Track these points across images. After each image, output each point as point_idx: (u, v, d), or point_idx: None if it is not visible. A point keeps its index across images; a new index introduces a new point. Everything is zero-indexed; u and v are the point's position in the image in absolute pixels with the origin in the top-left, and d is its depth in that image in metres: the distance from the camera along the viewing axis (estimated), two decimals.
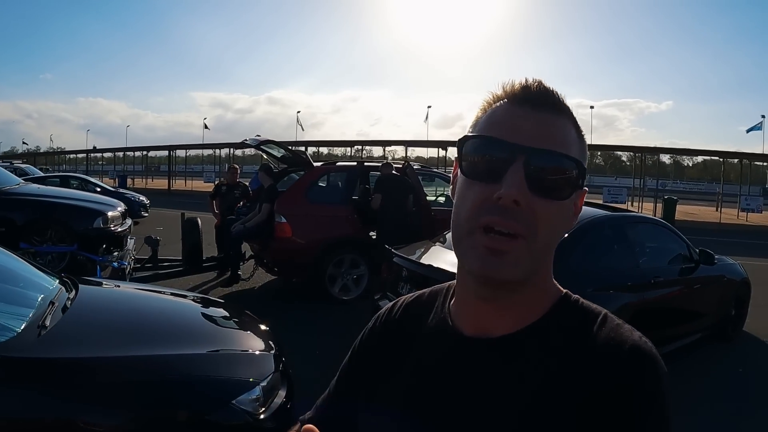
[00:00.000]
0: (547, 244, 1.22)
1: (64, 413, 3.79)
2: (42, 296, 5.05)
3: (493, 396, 1.20)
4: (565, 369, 1.16)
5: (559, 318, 1.26)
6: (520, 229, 1.15)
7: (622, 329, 1.21)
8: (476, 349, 1.27)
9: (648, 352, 1.16)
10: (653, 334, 4.77)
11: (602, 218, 8.08)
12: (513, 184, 1.14)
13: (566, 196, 1.20)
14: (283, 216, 11.27)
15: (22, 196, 12.96)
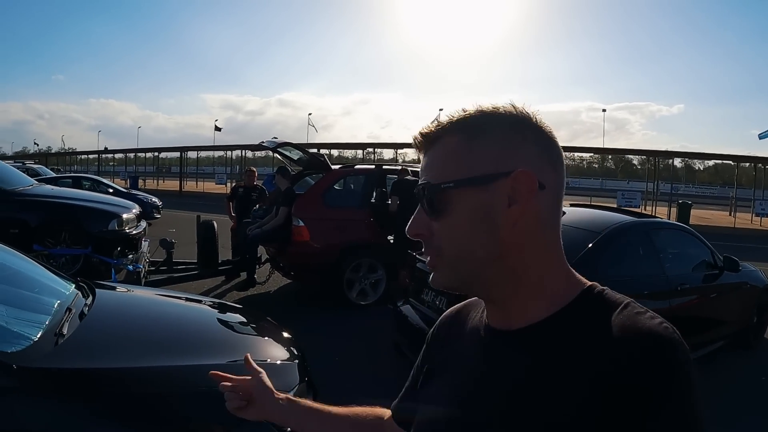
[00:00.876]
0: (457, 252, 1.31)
1: (83, 427, 3.66)
2: (58, 302, 4.95)
3: (510, 385, 1.26)
4: (580, 358, 1.18)
5: (579, 309, 1.28)
6: (431, 251, 1.35)
7: (642, 316, 1.21)
8: (498, 340, 1.36)
9: (667, 338, 1.15)
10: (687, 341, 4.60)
11: (628, 224, 7.93)
12: (412, 222, 1.37)
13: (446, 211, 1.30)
14: (300, 219, 11.16)
15: (35, 197, 12.88)
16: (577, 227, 7.60)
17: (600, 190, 66.91)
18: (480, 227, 1.28)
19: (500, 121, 1.32)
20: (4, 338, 4.00)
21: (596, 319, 1.23)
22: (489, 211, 1.28)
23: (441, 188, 1.29)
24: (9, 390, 3.59)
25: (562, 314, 1.28)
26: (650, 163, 51.56)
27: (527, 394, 1.21)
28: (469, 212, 1.29)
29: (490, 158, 1.29)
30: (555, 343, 1.24)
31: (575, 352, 1.19)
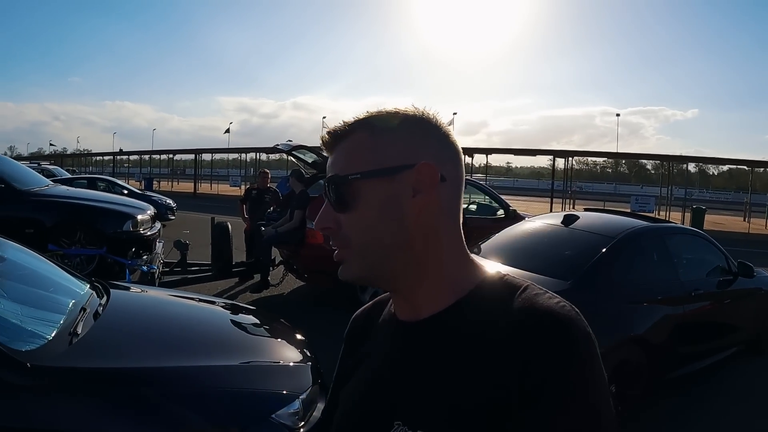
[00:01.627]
0: (366, 242, 1.34)
1: (97, 426, 3.65)
2: (73, 301, 4.98)
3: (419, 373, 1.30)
4: (483, 343, 1.22)
5: (481, 296, 1.33)
6: (338, 244, 1.38)
7: (539, 296, 1.25)
8: (405, 331, 1.40)
9: (564, 317, 1.18)
10: (693, 348, 5.04)
11: (642, 229, 7.88)
12: (318, 217, 1.39)
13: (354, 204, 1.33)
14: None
15: (51, 197, 12.91)
16: (592, 232, 7.62)
17: (613, 194, 66.81)
18: (387, 216, 1.33)
19: (404, 119, 1.37)
20: (18, 337, 4.03)
21: (497, 304, 1.27)
22: (395, 201, 1.33)
23: (348, 180, 1.33)
24: (23, 388, 3.61)
25: (464, 301, 1.33)
26: (664, 168, 51.41)
27: (433, 382, 1.26)
28: (377, 202, 1.33)
29: (396, 152, 1.34)
30: (458, 330, 1.28)
31: (478, 337, 1.24)
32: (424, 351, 1.32)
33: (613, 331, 6.43)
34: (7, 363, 3.64)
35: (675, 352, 7.29)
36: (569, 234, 7.68)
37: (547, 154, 55.74)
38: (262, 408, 4.08)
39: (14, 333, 4.09)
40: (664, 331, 7.07)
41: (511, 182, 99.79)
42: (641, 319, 6.87)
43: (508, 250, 7.93)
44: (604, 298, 6.61)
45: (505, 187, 71.52)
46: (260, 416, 4.02)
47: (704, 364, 7.83)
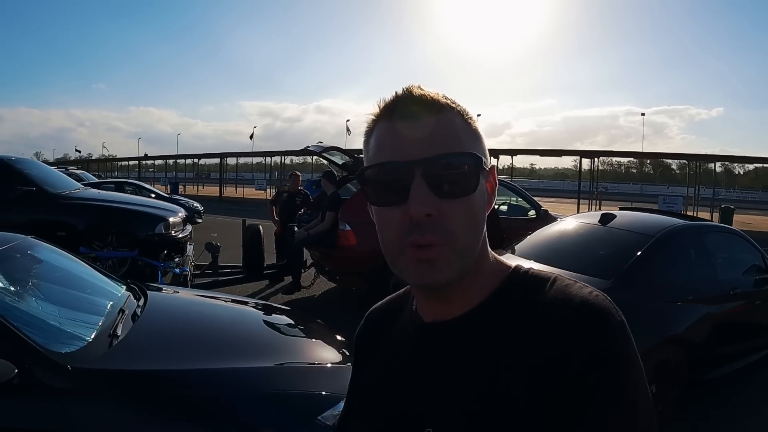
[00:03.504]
0: (470, 238, 1.23)
1: (137, 429, 3.65)
2: (111, 303, 5.00)
3: (450, 377, 1.24)
4: (515, 339, 1.18)
5: (509, 291, 1.28)
6: (438, 239, 1.18)
7: (571, 287, 1.22)
8: (433, 334, 1.32)
9: (598, 306, 1.16)
10: (731, 348, 5.11)
11: (680, 227, 7.83)
12: (419, 200, 1.17)
13: (472, 189, 1.22)
14: (347, 224, 11.09)
15: (82, 200, 13.04)
16: (630, 231, 7.59)
17: (640, 195, 66.58)
18: (482, 213, 1.27)
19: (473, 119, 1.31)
20: (57, 339, 4.04)
21: (528, 298, 1.23)
22: (485, 198, 1.28)
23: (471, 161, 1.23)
24: (64, 391, 3.61)
25: (495, 297, 1.28)
26: (690, 168, 51.18)
27: (466, 385, 1.20)
28: (481, 196, 1.25)
29: (483, 147, 1.29)
30: (490, 328, 1.23)
31: (511, 334, 1.19)
32: (454, 353, 1.27)
33: (654, 331, 6.35)
34: (48, 366, 3.64)
35: (714, 352, 7.21)
36: (607, 233, 7.63)
37: (574, 154, 55.76)
38: (307, 410, 4.03)
39: (53, 335, 4.09)
40: (703, 331, 7.00)
41: (536, 183, 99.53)
42: (681, 318, 6.82)
43: (545, 249, 7.89)
44: (645, 296, 6.56)
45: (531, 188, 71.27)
46: (305, 418, 3.97)
47: (741, 364, 7.75)
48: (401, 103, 1.25)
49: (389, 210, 1.23)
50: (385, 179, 1.23)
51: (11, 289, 4.53)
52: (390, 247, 1.26)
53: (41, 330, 4.04)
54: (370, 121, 1.32)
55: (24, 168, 13.24)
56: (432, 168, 1.18)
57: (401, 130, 1.23)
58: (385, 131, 1.26)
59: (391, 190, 1.22)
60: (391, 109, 1.26)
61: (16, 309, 4.21)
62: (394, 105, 1.26)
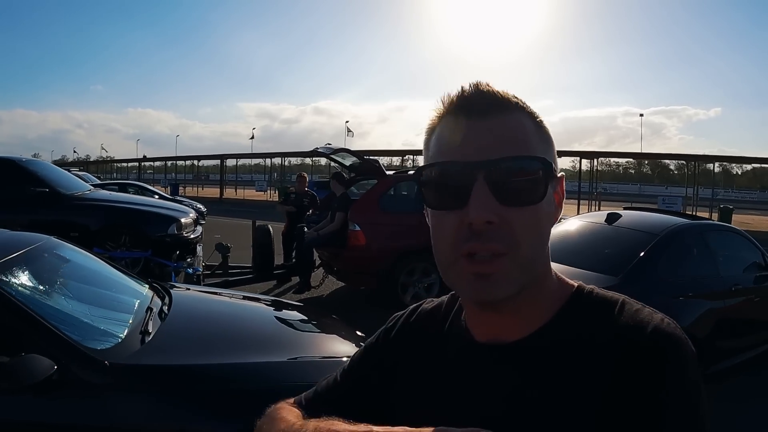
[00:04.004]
0: (535, 250, 1.15)
1: (177, 421, 3.78)
2: (138, 301, 5.11)
3: (505, 406, 1.16)
4: (583, 367, 1.11)
5: (574, 313, 1.21)
6: (501, 248, 1.10)
7: (642, 313, 1.15)
8: (487, 356, 1.23)
9: (672, 334, 1.10)
10: (733, 342, 5.40)
11: (684, 226, 8.05)
12: (480, 205, 1.09)
13: (540, 198, 1.14)
14: (357, 224, 11.24)
15: (96, 201, 13.07)
16: (635, 229, 7.80)
17: (639, 195, 66.62)
18: (549, 225, 1.19)
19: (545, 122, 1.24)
20: (92, 336, 4.13)
21: (595, 321, 1.17)
22: (552, 209, 1.20)
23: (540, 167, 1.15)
24: (102, 386, 3.70)
25: (559, 319, 1.21)
26: (689, 168, 51.30)
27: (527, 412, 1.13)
28: (548, 205, 1.18)
29: (554, 154, 1.23)
30: (555, 352, 1.16)
31: (577, 359, 1.13)
32: (512, 380, 1.17)
33: None
34: (86, 362, 3.75)
35: (717, 345, 7.40)
36: (614, 231, 7.83)
37: (574, 155, 55.61)
38: None
39: (88, 332, 4.18)
40: (707, 325, 7.21)
41: None
42: (686, 312, 7.00)
43: (555, 248, 7.74)
44: (652, 292, 6.76)
45: None
46: None
47: (743, 358, 7.95)
48: (467, 99, 1.17)
49: (446, 214, 1.15)
50: (444, 181, 1.16)
51: (44, 288, 4.61)
52: (443, 256, 1.18)
53: (76, 327, 4.12)
54: (432, 117, 1.24)
55: (36, 169, 13.28)
56: (496, 171, 1.10)
57: (465, 128, 1.15)
58: (448, 129, 1.18)
59: (450, 193, 1.14)
60: (456, 106, 1.18)
61: (50, 307, 4.30)
62: (459, 101, 1.18)
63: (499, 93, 1.17)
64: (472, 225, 1.09)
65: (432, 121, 1.24)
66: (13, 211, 11.38)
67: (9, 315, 3.93)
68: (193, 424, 3.81)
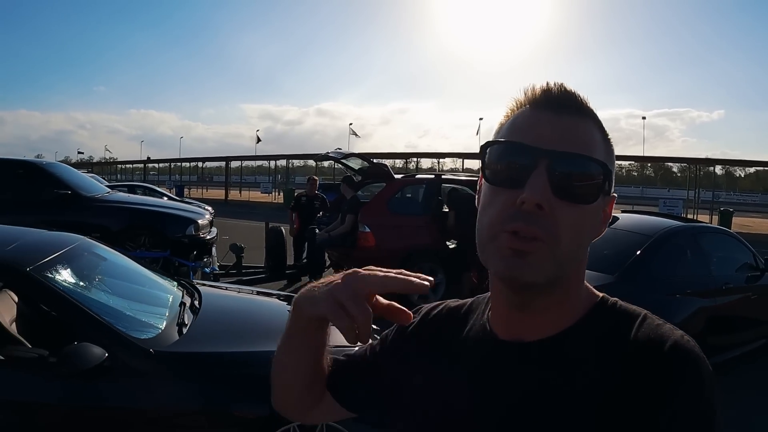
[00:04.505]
0: (572, 249, 1.17)
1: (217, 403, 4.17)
2: (171, 296, 5.46)
3: (524, 400, 1.19)
4: (600, 372, 1.14)
5: (596, 321, 1.23)
6: (541, 234, 1.13)
7: (663, 328, 1.16)
8: (510, 353, 1.26)
9: (690, 351, 1.11)
10: (724, 338, 5.95)
11: (677, 228, 8.44)
12: (535, 189, 1.12)
13: (592, 201, 1.17)
14: (367, 226, 11.47)
15: (116, 203, 13.28)
16: (631, 231, 8.17)
17: (641, 198, 66.37)
18: (590, 233, 1.22)
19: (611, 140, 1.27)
20: (135, 327, 4.49)
21: (616, 333, 1.19)
22: (598, 221, 1.23)
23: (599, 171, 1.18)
24: (148, 372, 4.11)
25: (580, 326, 1.23)
26: (691, 171, 51.36)
27: (542, 409, 1.17)
28: (596, 213, 1.21)
29: (613, 170, 1.23)
30: (574, 356, 1.19)
31: (597, 365, 1.15)
32: (531, 379, 1.21)
33: None
34: (134, 350, 4.14)
35: (708, 341, 7.54)
36: (611, 233, 7.84)
37: None
38: None
39: (131, 324, 4.53)
40: (699, 322, 7.57)
41: None
42: (679, 309, 7.39)
43: None
44: (646, 290, 7.17)
45: None
46: None
47: (732, 354, 8.27)
48: (550, 94, 1.21)
49: (501, 191, 1.18)
50: (508, 159, 1.20)
51: (88, 284, 4.95)
52: (486, 230, 1.19)
53: (120, 319, 4.47)
54: (511, 105, 1.28)
55: (57, 171, 13.49)
56: (559, 163, 1.15)
57: (542, 119, 1.19)
58: (525, 117, 1.23)
59: (510, 172, 1.18)
60: (539, 99, 1.22)
61: (96, 301, 4.65)
62: (543, 95, 1.22)
63: (580, 97, 1.22)
64: (524, 205, 1.12)
65: (511, 108, 1.28)
66: (38, 212, 11.52)
67: (62, 307, 4.38)
68: (231, 405, 4.21)
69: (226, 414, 4.21)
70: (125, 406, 4.11)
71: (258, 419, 4.25)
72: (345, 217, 12.10)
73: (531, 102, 1.23)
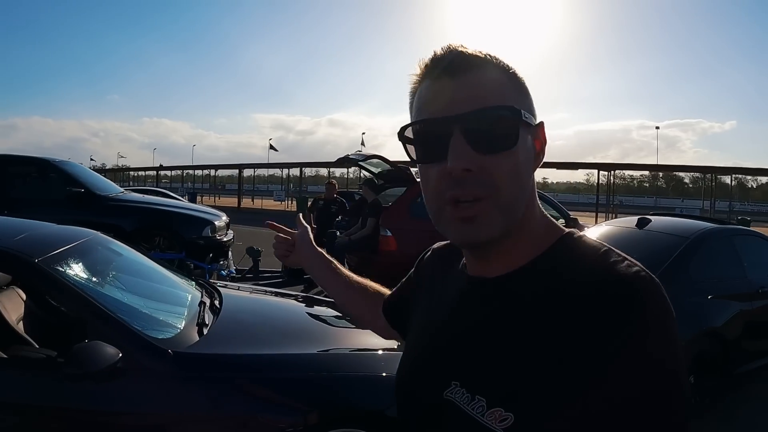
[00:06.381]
0: (513, 193, 1.23)
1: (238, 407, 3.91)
2: (190, 296, 5.25)
3: (481, 335, 1.26)
4: (550, 309, 1.16)
5: (556, 256, 1.27)
6: (481, 193, 1.20)
7: (619, 263, 1.17)
8: (474, 289, 1.36)
9: (639, 290, 1.10)
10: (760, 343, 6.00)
11: (713, 230, 8.20)
12: (457, 155, 1.19)
13: (512, 143, 1.22)
14: (388, 230, 11.38)
15: (130, 203, 13.24)
16: (668, 233, 7.98)
17: (654, 208, 66.22)
18: (527, 170, 1.27)
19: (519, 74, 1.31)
20: (152, 326, 4.25)
21: (572, 266, 1.22)
22: (531, 155, 1.28)
23: (513, 114, 1.23)
24: (166, 374, 3.84)
25: (539, 261, 1.28)
26: (704, 181, 51.18)
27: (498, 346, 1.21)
28: (525, 151, 1.26)
29: (529, 103, 1.30)
30: (528, 293, 1.23)
31: (548, 303, 1.17)
32: (491, 312, 1.28)
33: (693, 324, 6.79)
34: (151, 351, 3.88)
35: (745, 346, 7.59)
36: (645, 235, 8.00)
37: (591, 167, 55.33)
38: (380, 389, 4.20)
39: (148, 323, 4.30)
40: (737, 325, 7.38)
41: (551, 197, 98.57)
42: (717, 313, 7.24)
43: None
44: (685, 292, 6.95)
45: None
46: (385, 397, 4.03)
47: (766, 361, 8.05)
48: (442, 61, 1.27)
49: (430, 167, 1.26)
50: (425, 137, 1.28)
51: (102, 279, 4.74)
52: (431, 204, 1.30)
53: (137, 318, 4.24)
54: (413, 81, 1.35)
55: (70, 170, 13.46)
56: (470, 123, 1.20)
57: (441, 87, 1.25)
58: (426, 90, 1.29)
59: (431, 147, 1.25)
60: (432, 68, 1.28)
61: (110, 297, 4.42)
62: (434, 64, 1.28)
63: (469, 52, 1.26)
64: (452, 174, 1.20)
65: (413, 85, 1.35)
66: (51, 210, 11.31)
67: (72, 302, 4.15)
68: (258, 412, 3.95)
69: (253, 421, 3.94)
70: (140, 411, 3.83)
71: (286, 427, 3.98)
72: (366, 221, 12.03)
73: (426, 74, 1.30)
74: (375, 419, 4.09)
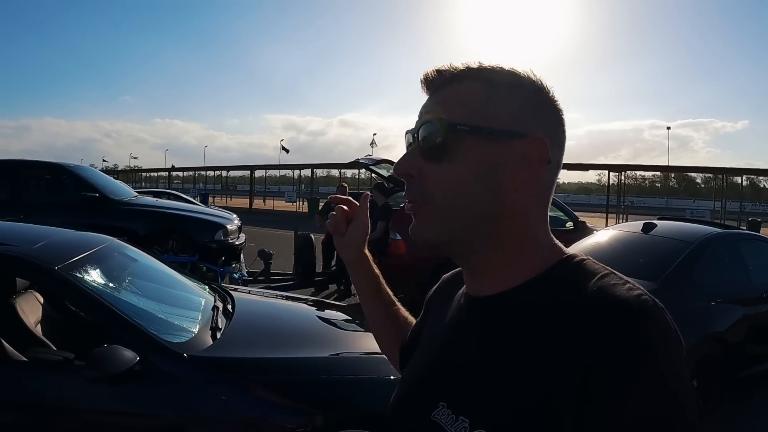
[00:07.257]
0: (454, 205, 1.23)
1: (252, 409, 4.00)
2: (203, 300, 5.34)
3: (472, 354, 1.22)
4: (543, 331, 1.11)
5: (554, 278, 1.21)
6: (419, 197, 1.26)
7: (618, 287, 1.10)
8: (470, 306, 1.33)
9: (645, 311, 1.05)
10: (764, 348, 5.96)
11: (718, 235, 8.27)
12: (400, 162, 1.29)
13: (445, 154, 1.22)
14: (398, 233, 11.37)
15: (144, 207, 13.34)
16: (672, 238, 8.04)
17: (665, 209, 66.06)
18: (484, 183, 1.22)
19: (522, 82, 1.26)
20: (167, 330, 4.35)
21: (570, 288, 1.15)
22: (496, 169, 1.21)
23: (456, 128, 1.21)
24: (181, 377, 3.94)
25: (534, 282, 1.22)
26: (716, 182, 51.01)
27: (486, 367, 1.17)
28: (477, 164, 1.21)
29: (509, 114, 1.22)
30: (521, 314, 1.19)
31: (541, 324, 1.13)
32: (481, 331, 1.24)
33: (697, 328, 6.82)
34: (167, 354, 3.98)
35: (748, 350, 7.64)
36: (651, 240, 8.09)
37: (602, 168, 55.09)
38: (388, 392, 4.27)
39: (163, 327, 4.40)
40: (740, 330, 7.43)
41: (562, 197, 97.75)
42: (721, 317, 7.29)
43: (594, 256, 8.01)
44: (689, 297, 7.04)
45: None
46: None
47: None
48: (426, 80, 1.32)
49: None
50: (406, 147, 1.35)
51: (119, 285, 4.85)
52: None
53: (153, 322, 4.36)
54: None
55: (85, 174, 13.55)
56: (418, 132, 1.28)
57: (423, 105, 1.33)
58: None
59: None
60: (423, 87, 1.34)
61: (127, 303, 4.54)
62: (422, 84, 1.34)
63: (449, 68, 1.29)
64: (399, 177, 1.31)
65: None
66: (65, 215, 11.44)
67: (91, 308, 4.26)
68: (270, 415, 4.04)
69: (264, 423, 4.04)
70: (156, 412, 3.95)
71: (296, 428, 4.08)
72: (376, 224, 11.85)
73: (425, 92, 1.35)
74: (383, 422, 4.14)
